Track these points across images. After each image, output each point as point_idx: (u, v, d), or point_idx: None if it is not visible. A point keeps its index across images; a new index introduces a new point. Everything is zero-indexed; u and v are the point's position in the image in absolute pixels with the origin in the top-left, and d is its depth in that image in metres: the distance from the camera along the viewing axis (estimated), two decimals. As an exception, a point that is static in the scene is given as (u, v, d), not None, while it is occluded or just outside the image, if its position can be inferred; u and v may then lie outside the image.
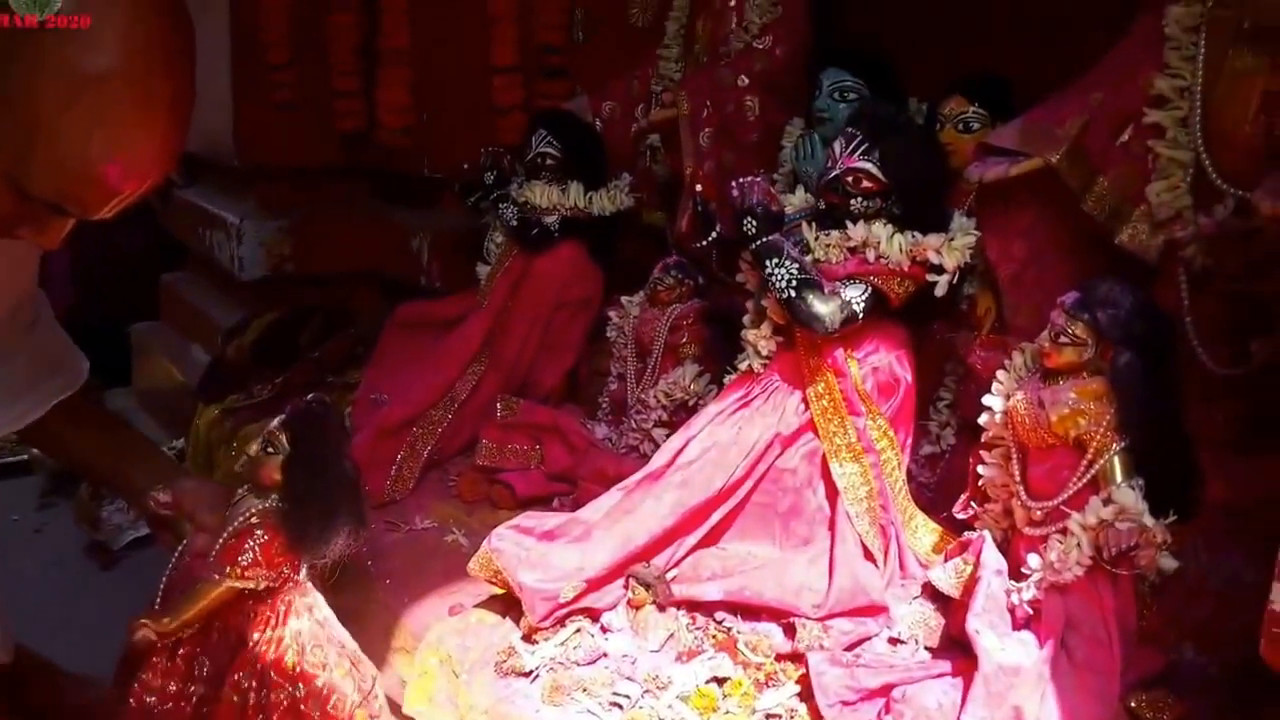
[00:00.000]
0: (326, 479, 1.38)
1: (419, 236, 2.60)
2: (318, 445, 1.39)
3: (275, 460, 1.38)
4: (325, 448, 1.40)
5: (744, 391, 1.56)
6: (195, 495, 1.47)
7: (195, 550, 1.42)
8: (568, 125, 2.22)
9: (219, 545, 1.38)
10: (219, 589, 1.35)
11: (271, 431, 1.40)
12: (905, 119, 1.56)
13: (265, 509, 1.38)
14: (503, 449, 2.00)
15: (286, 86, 2.75)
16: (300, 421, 1.40)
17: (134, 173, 1.18)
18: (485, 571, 1.50)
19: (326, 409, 1.44)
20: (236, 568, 1.35)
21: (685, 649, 1.42)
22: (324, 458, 1.39)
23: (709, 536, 1.54)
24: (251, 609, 1.37)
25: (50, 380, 1.56)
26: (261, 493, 1.40)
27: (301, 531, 1.36)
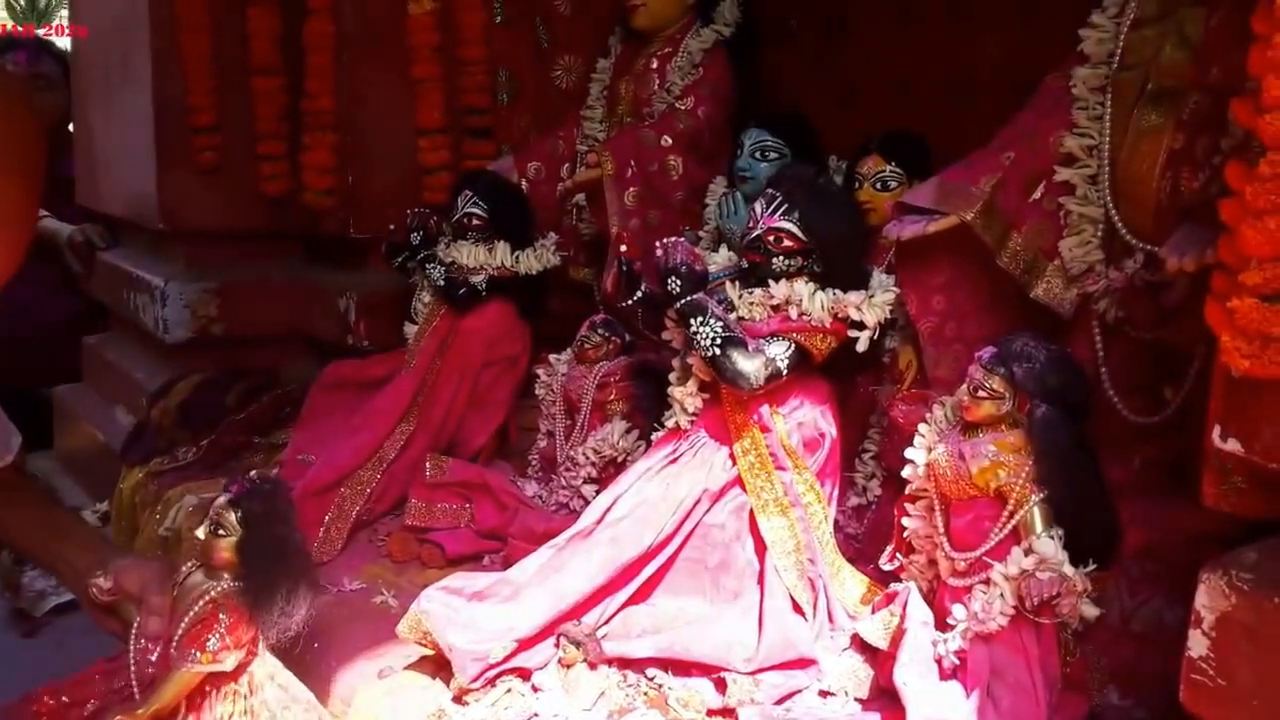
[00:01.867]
0: (284, 554, 1.37)
1: (346, 297, 2.55)
2: (270, 523, 1.36)
3: (227, 541, 1.35)
4: (277, 524, 1.37)
5: (671, 448, 1.54)
6: (137, 576, 1.43)
7: (149, 634, 1.39)
8: (493, 186, 2.20)
9: (181, 632, 1.35)
10: (192, 675, 1.32)
11: (219, 512, 1.35)
12: (825, 180, 1.57)
13: (225, 591, 1.35)
14: (432, 508, 1.96)
15: (211, 150, 2.70)
16: (250, 501, 1.36)
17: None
18: (414, 633, 1.46)
19: (274, 484, 1.42)
20: (206, 653, 1.31)
21: (617, 707, 1.39)
22: (278, 534, 1.37)
23: (639, 593, 1.51)
24: (214, 686, 1.35)
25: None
26: (213, 573, 1.37)
27: (266, 609, 1.34)
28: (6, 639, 2.18)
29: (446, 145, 2.53)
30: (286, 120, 2.67)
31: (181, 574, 1.40)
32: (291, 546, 1.39)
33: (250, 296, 2.76)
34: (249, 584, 1.35)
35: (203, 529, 1.37)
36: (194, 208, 2.73)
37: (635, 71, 2.33)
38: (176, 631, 1.35)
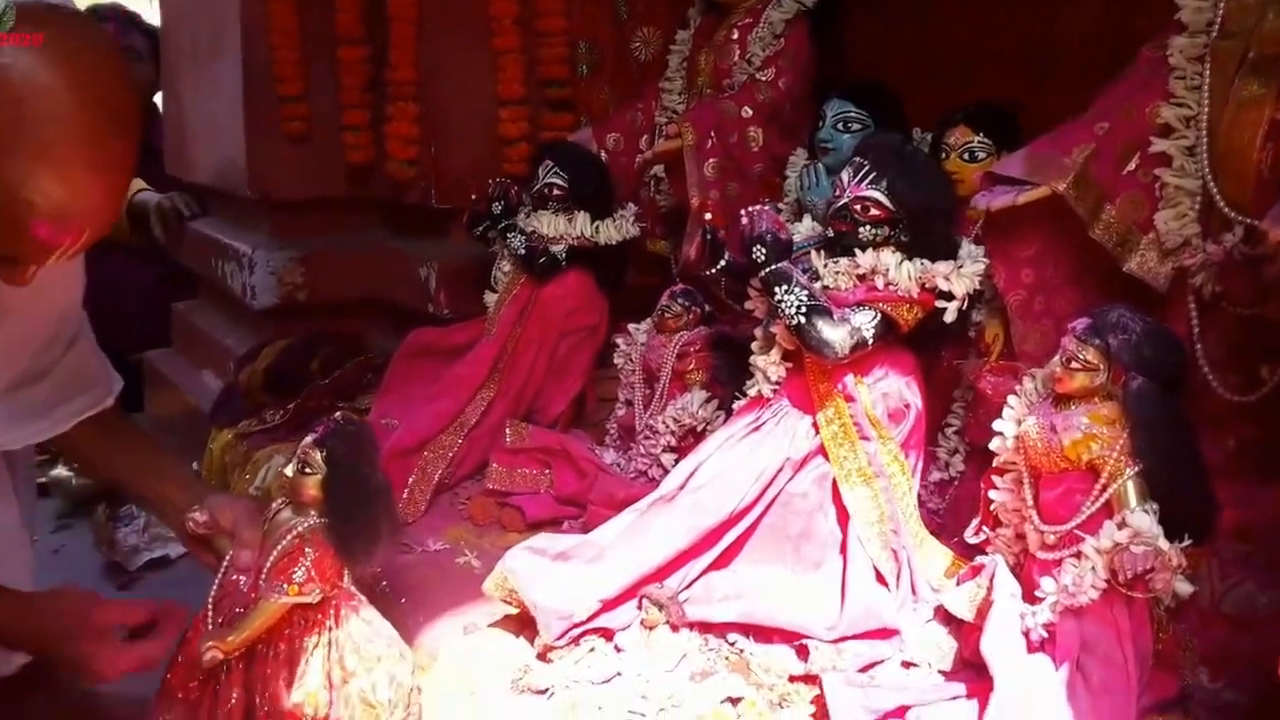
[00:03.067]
0: (366, 492, 1.41)
1: (427, 265, 2.57)
2: (355, 461, 1.41)
3: (313, 479, 1.39)
4: (361, 463, 1.42)
5: (754, 416, 1.52)
6: (231, 512, 1.49)
7: (239, 566, 1.44)
8: (574, 156, 2.20)
9: (269, 564, 1.40)
10: (279, 606, 1.37)
11: (306, 451, 1.40)
12: (913, 148, 1.54)
13: (311, 526, 1.40)
14: (512, 473, 1.97)
15: (298, 119, 2.72)
16: (335, 440, 1.41)
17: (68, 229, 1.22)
18: (500, 591, 1.47)
19: (359, 425, 1.47)
20: (293, 585, 1.37)
21: (699, 669, 1.38)
22: (361, 472, 1.42)
23: (721, 559, 1.50)
24: (301, 618, 1.40)
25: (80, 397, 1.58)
26: (300, 510, 1.41)
27: (349, 544, 1.40)
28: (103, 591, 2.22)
29: (526, 117, 2.53)
30: (370, 91, 2.68)
31: (271, 510, 1.45)
32: (374, 485, 1.43)
33: (334, 264, 2.78)
34: (333, 520, 1.40)
35: (290, 467, 1.42)
36: (281, 177, 2.75)
37: (715, 43, 2.30)
38: (265, 564, 1.41)
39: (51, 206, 1.20)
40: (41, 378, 1.58)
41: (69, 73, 1.18)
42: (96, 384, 1.66)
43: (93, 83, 1.20)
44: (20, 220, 1.20)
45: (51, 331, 1.60)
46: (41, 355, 1.59)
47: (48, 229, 1.21)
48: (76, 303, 1.66)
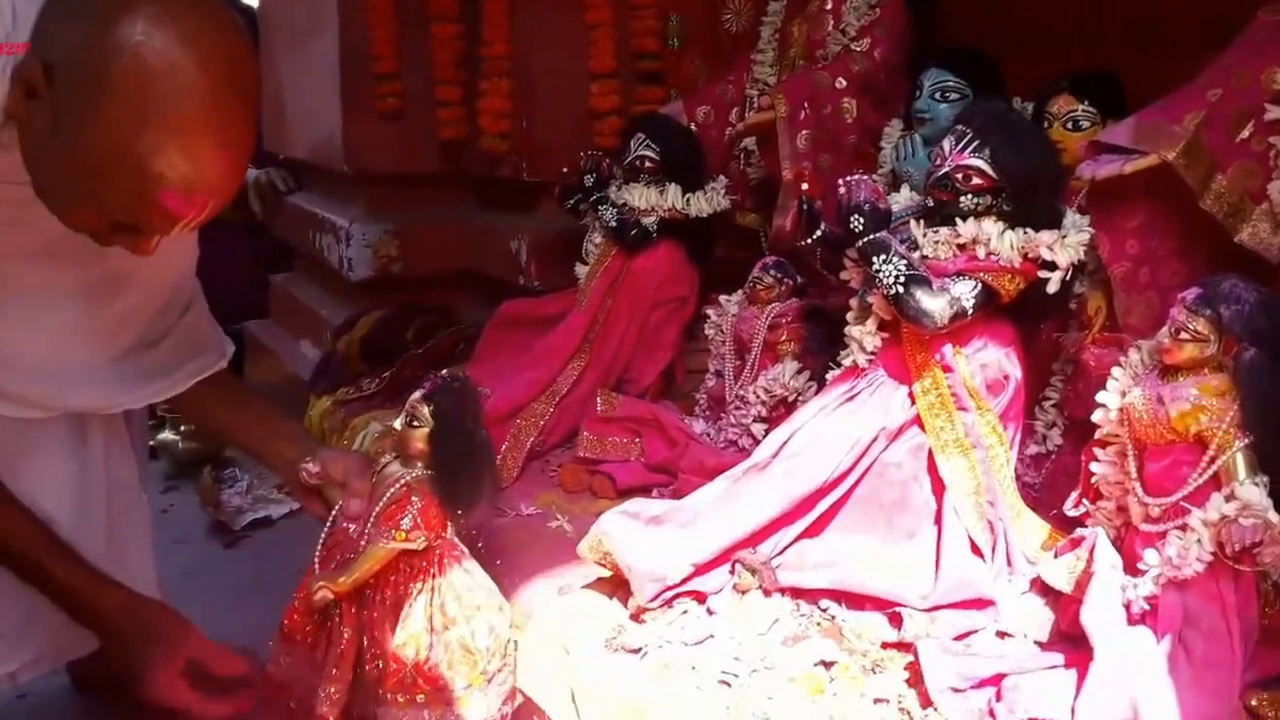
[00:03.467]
0: (470, 446, 1.48)
1: (518, 238, 2.60)
2: (459, 416, 1.47)
3: (421, 432, 1.46)
4: (465, 418, 1.48)
5: (848, 386, 1.52)
6: (342, 464, 1.57)
7: (349, 514, 1.50)
8: (666, 128, 2.20)
9: (378, 511, 1.47)
10: (387, 551, 1.44)
11: (414, 405, 1.47)
12: (1017, 115, 1.52)
13: (418, 477, 1.46)
14: (603, 441, 1.98)
15: (393, 96, 2.77)
16: (442, 395, 1.47)
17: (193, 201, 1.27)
18: (594, 554, 1.48)
19: (465, 382, 1.52)
20: (400, 532, 1.43)
21: (790, 634, 1.38)
22: (466, 427, 1.48)
23: (813, 527, 1.50)
24: (406, 564, 1.46)
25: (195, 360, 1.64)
26: (408, 462, 1.48)
27: (453, 495, 1.46)
28: (210, 550, 2.31)
29: (617, 90, 2.54)
30: (463, 67, 2.71)
31: (380, 463, 1.52)
32: (478, 439, 1.50)
33: (427, 238, 2.83)
34: (438, 471, 1.46)
35: (399, 420, 1.48)
36: (376, 152, 2.80)
37: (808, 13, 2.28)
38: (374, 512, 1.47)
39: (180, 179, 1.24)
40: (160, 341, 1.66)
41: (201, 51, 1.23)
42: (210, 348, 1.73)
43: (223, 60, 1.25)
44: (150, 192, 1.24)
45: (169, 298, 1.68)
46: (160, 320, 1.67)
47: (175, 200, 1.25)
48: (191, 272, 1.73)
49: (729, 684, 1.30)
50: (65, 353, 1.56)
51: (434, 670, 1.42)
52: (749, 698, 1.26)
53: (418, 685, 1.42)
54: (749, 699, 1.26)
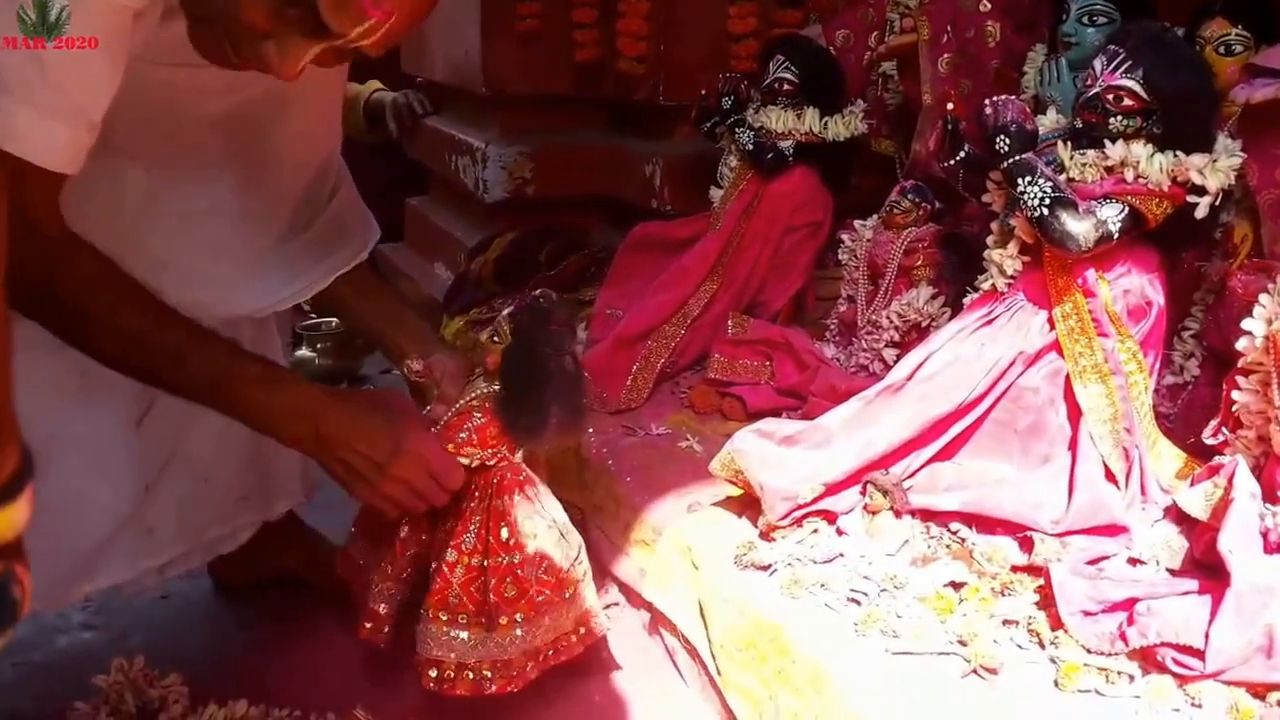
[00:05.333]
0: (540, 370, 1.41)
1: (652, 162, 2.64)
2: (535, 338, 1.41)
3: (498, 348, 1.44)
4: (543, 341, 1.42)
5: (987, 310, 1.53)
6: (443, 367, 1.54)
7: (431, 417, 1.48)
8: (806, 51, 2.21)
9: (444, 420, 1.45)
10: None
11: (499, 321, 1.45)
12: (1173, 35, 1.49)
13: (486, 393, 1.44)
14: (734, 364, 2.03)
15: (530, 17, 2.82)
16: (523, 315, 1.43)
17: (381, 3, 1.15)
18: (726, 472, 1.54)
19: (551, 304, 1.45)
20: (454, 444, 1.42)
21: (920, 555, 1.42)
22: (540, 350, 1.41)
23: (945, 450, 1.53)
24: (470, 481, 1.43)
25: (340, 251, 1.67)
26: (489, 377, 1.46)
27: (513, 417, 1.41)
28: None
29: (755, 13, 2.55)
30: (601, -12, 2.75)
31: (474, 374, 1.50)
32: (554, 366, 1.42)
33: (562, 160, 2.89)
34: (506, 391, 1.42)
35: (486, 334, 1.48)
36: (513, 73, 2.86)
37: (955, -66, 2.25)
38: (442, 419, 1.45)
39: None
40: (307, 228, 1.65)
41: None
42: (355, 235, 1.72)
43: None
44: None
45: (318, 174, 1.66)
46: (310, 201, 1.66)
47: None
48: (336, 150, 1.70)
49: (858, 602, 1.35)
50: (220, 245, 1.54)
51: (479, 594, 1.40)
52: (877, 616, 1.31)
53: (462, 605, 1.40)
54: (877, 617, 1.30)
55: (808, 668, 1.27)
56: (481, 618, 1.39)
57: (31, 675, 1.56)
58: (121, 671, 1.47)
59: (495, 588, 1.39)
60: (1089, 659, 1.20)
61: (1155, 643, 1.18)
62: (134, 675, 1.47)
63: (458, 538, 1.41)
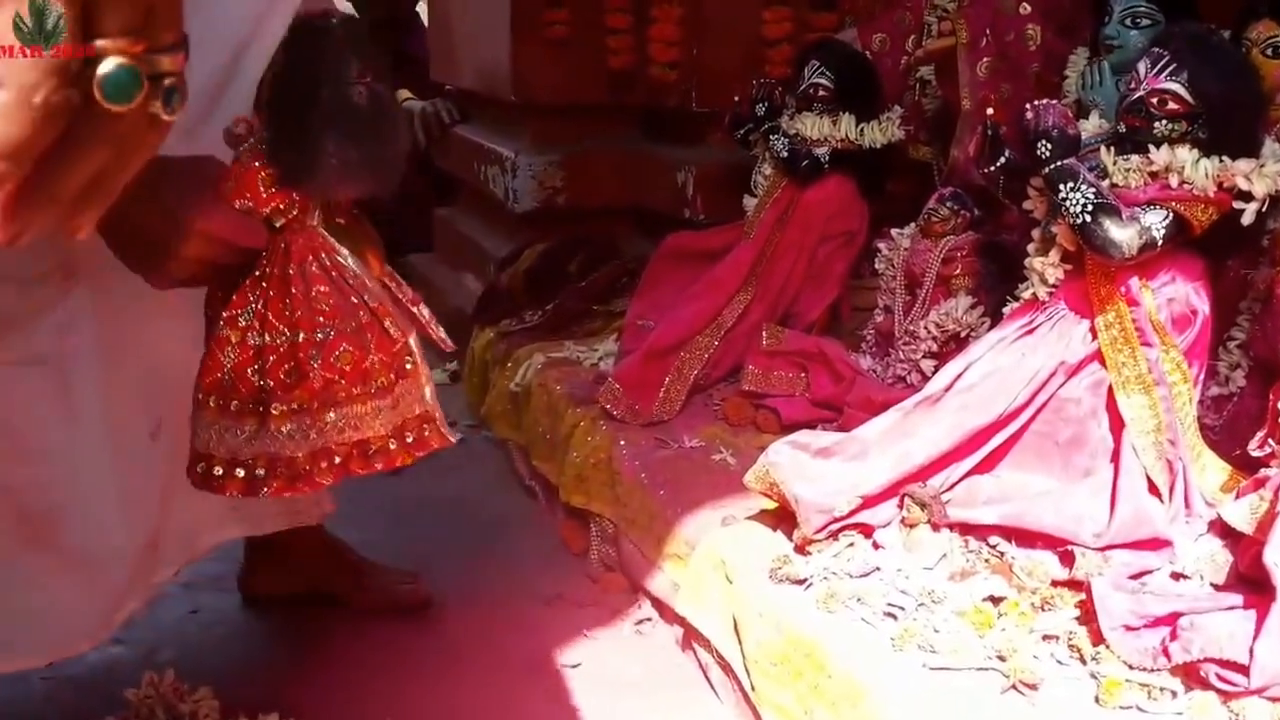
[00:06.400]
0: (310, 100, 1.15)
1: (684, 170, 2.65)
2: (308, 61, 1.16)
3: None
4: (316, 65, 1.16)
5: (1027, 319, 1.54)
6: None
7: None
8: (842, 55, 2.22)
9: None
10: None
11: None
12: (1219, 38, 1.49)
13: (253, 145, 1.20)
14: (768, 375, 2.04)
15: (561, 24, 2.85)
16: (296, 36, 1.17)
17: None
18: (760, 484, 1.55)
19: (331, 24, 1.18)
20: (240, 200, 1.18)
21: (958, 569, 1.43)
22: (311, 75, 1.16)
23: (985, 463, 1.53)
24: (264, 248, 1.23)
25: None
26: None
27: (280, 156, 1.17)
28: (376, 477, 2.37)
29: (789, 17, 2.56)
30: (633, -7, 2.78)
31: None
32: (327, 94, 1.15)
33: (593, 169, 2.91)
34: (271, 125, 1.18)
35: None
36: (543, 81, 2.89)
37: (993, -64, 2.26)
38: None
39: None
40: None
41: None
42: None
43: None
44: None
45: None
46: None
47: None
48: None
49: (895, 616, 1.35)
50: None
51: (255, 379, 1.20)
52: (915, 630, 1.31)
53: (236, 390, 1.19)
54: (915, 632, 1.31)
55: (844, 683, 1.27)
56: (259, 406, 1.20)
57: (61, 689, 1.57)
58: (152, 685, 1.48)
59: (271, 370, 1.19)
60: (1131, 675, 1.21)
61: (1199, 658, 1.18)
62: (164, 689, 1.48)
63: (232, 310, 1.21)
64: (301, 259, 1.21)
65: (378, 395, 1.22)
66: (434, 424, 1.27)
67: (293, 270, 1.20)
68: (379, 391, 1.22)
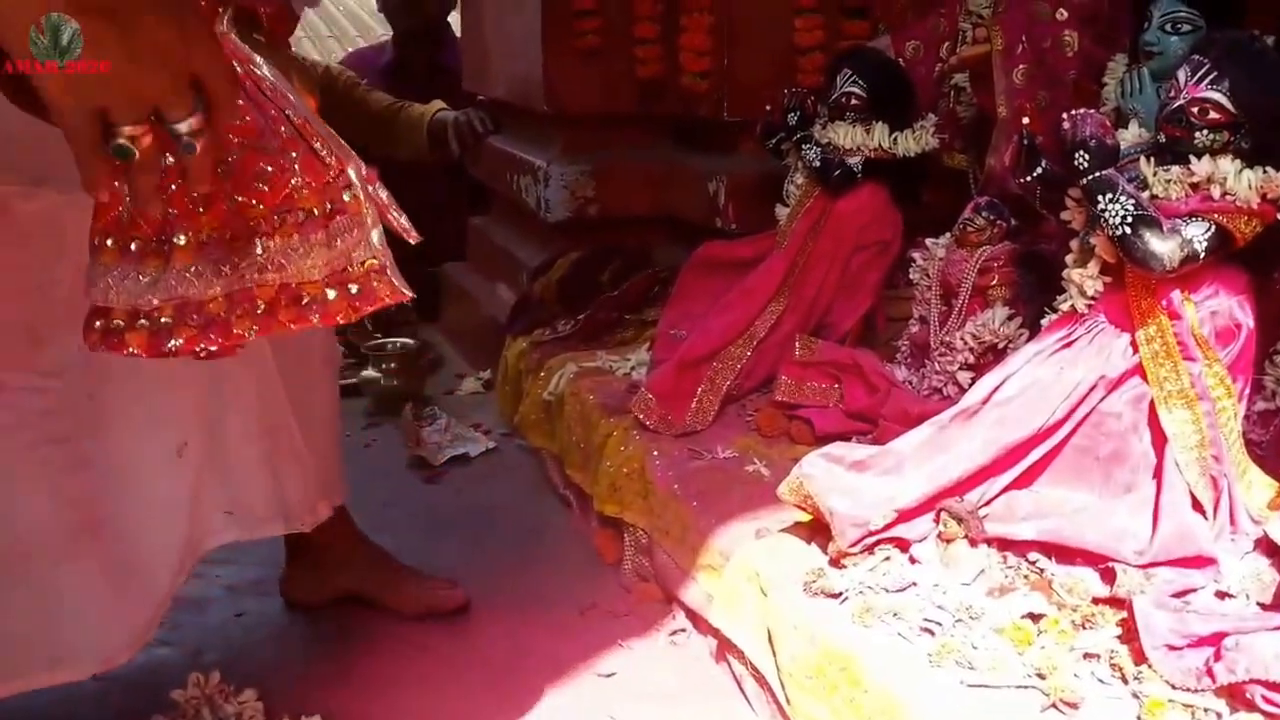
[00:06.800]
0: None
1: (716, 180, 2.65)
2: None
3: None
4: None
5: (1066, 332, 1.52)
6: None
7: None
8: (875, 63, 2.21)
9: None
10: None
11: None
12: (1261, 45, 1.47)
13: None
14: (801, 386, 2.03)
15: (592, 34, 2.85)
16: None
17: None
18: (794, 496, 1.54)
19: None
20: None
21: (996, 585, 1.41)
22: None
23: (1023, 478, 1.52)
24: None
25: None
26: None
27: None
28: (411, 484, 2.48)
29: (821, 25, 2.56)
30: (662, 3, 2.77)
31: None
32: None
33: (624, 178, 2.92)
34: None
35: None
36: (574, 91, 2.90)
37: (1029, -59, 2.24)
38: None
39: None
40: None
41: None
42: None
43: None
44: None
45: None
46: None
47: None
48: None
49: (932, 632, 1.34)
50: None
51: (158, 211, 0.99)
52: (953, 646, 1.30)
53: (136, 225, 1.01)
54: (953, 648, 1.29)
55: (880, 698, 1.26)
56: (163, 244, 1.01)
57: (109, 689, 1.61)
58: (198, 686, 1.53)
59: (175, 196, 0.99)
60: (1174, 695, 1.19)
61: (1244, 679, 1.16)
62: (210, 690, 1.53)
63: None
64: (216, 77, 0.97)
65: (307, 227, 1.03)
66: (383, 275, 1.07)
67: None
68: (308, 223, 1.03)
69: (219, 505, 1.62)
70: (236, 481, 1.64)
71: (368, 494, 2.11)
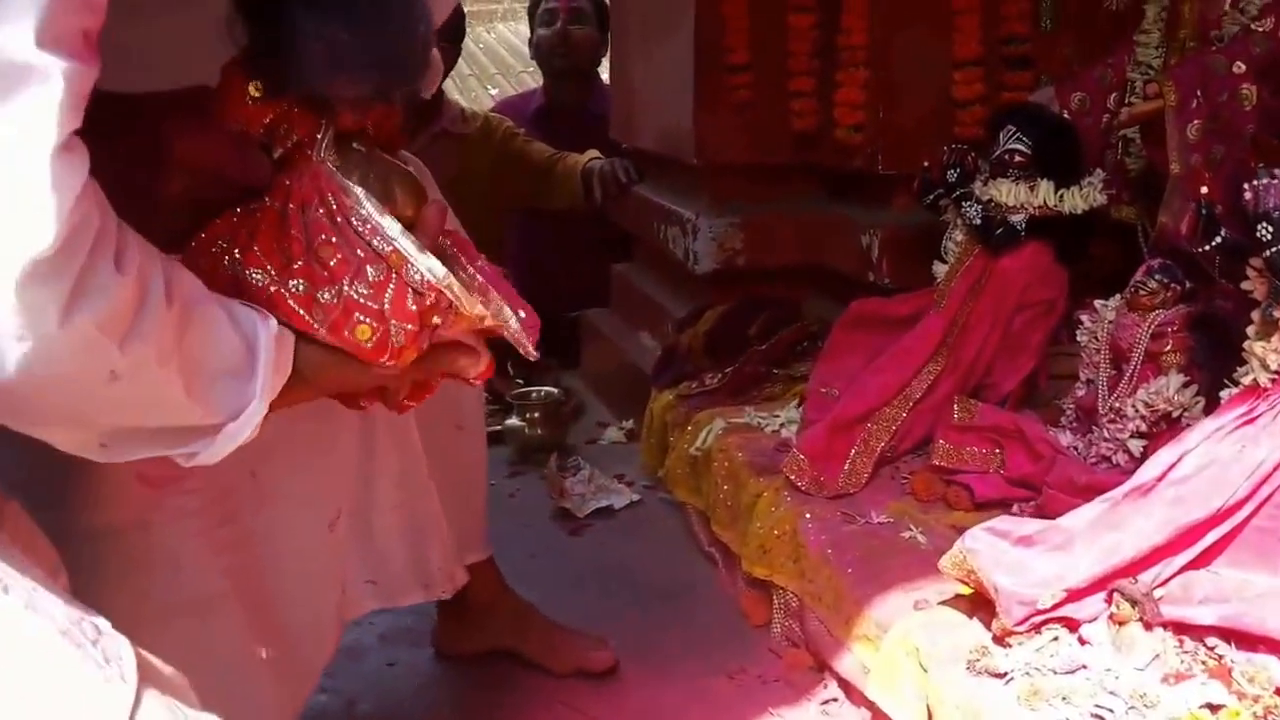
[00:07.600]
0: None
1: (869, 234, 2.65)
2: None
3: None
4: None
5: (1247, 408, 1.48)
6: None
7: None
8: (1039, 121, 2.19)
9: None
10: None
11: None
12: None
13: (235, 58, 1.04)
14: (960, 451, 2.01)
15: (744, 88, 2.89)
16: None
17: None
18: (957, 570, 1.53)
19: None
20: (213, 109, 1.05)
21: (1173, 671, 1.38)
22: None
23: (1201, 559, 1.48)
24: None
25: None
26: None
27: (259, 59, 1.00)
28: (555, 536, 2.52)
29: (981, 78, 2.55)
30: (818, 57, 2.80)
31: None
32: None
33: (774, 231, 2.94)
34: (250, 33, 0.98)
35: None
36: (724, 143, 2.94)
37: (1203, -10, 2.20)
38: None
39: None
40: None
41: None
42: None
43: None
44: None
45: None
46: None
47: None
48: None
49: (1103, 718, 1.31)
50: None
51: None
52: (1125, 734, 1.28)
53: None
54: (1125, 735, 1.27)
55: (1050, 788, 1.24)
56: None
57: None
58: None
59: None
60: (1371, 801, 1.14)
61: None
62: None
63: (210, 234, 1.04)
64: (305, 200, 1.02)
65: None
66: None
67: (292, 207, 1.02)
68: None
69: (363, 575, 1.69)
70: (379, 550, 1.70)
71: (513, 545, 2.16)
